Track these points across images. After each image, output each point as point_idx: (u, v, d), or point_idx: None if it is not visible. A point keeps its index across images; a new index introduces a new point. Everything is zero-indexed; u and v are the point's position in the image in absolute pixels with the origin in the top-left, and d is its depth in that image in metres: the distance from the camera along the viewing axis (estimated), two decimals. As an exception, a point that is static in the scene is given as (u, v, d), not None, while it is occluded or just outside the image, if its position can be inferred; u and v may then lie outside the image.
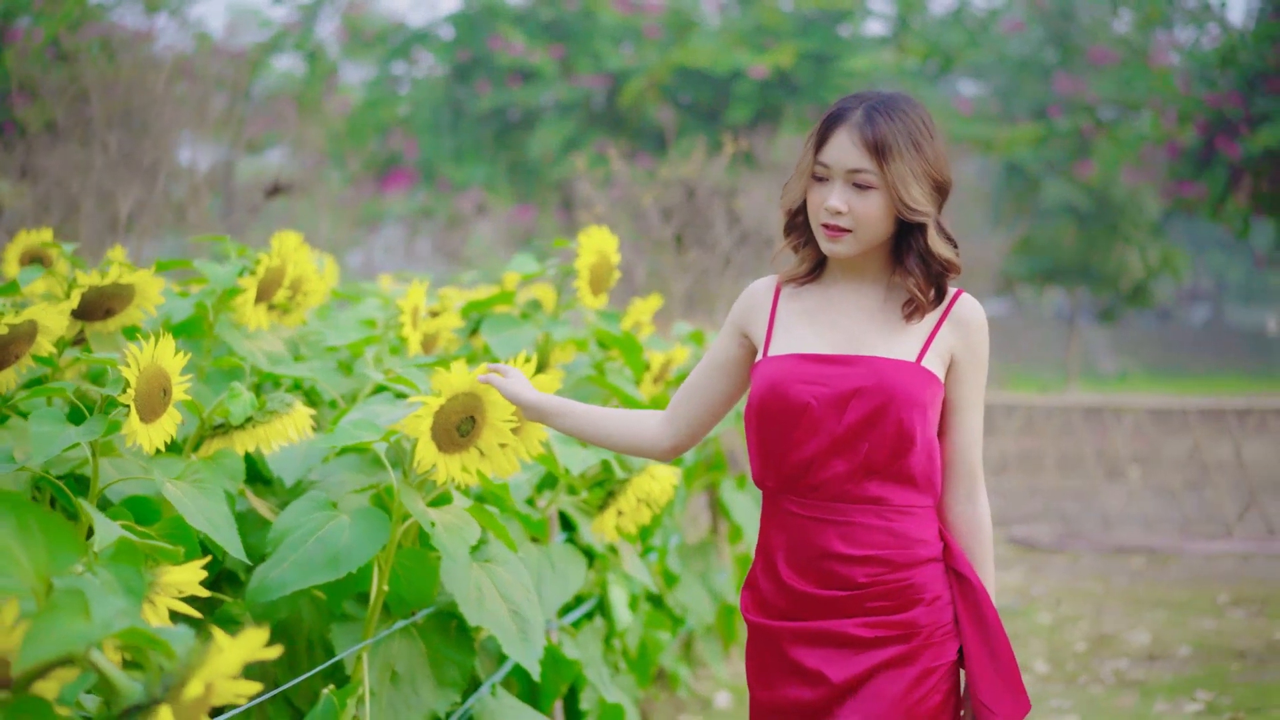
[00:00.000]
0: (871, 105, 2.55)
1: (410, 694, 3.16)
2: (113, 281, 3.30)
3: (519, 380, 2.81)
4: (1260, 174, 18.82)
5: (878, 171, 2.51)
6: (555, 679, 3.84)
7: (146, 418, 2.65)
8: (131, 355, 2.59)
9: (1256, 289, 51.22)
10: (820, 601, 2.59)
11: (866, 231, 2.55)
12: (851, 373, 2.55)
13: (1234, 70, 18.75)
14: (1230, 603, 8.10)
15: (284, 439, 3.08)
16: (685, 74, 19.24)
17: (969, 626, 2.61)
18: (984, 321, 2.65)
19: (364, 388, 3.76)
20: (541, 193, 19.54)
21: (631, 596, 4.49)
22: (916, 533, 2.59)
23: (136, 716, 1.52)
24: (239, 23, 23.47)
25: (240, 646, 1.58)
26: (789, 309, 2.69)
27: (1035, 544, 10.17)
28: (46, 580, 1.60)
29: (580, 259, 4.23)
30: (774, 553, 2.66)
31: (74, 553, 1.62)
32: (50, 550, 1.62)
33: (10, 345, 3.01)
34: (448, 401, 2.79)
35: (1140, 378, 32.48)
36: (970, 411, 2.66)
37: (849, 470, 2.55)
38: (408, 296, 3.92)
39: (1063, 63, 23.16)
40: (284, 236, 3.84)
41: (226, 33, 20.75)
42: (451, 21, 20.35)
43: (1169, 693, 6.17)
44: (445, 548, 2.86)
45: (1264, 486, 11.17)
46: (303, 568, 2.81)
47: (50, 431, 2.58)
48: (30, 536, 1.62)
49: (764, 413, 2.60)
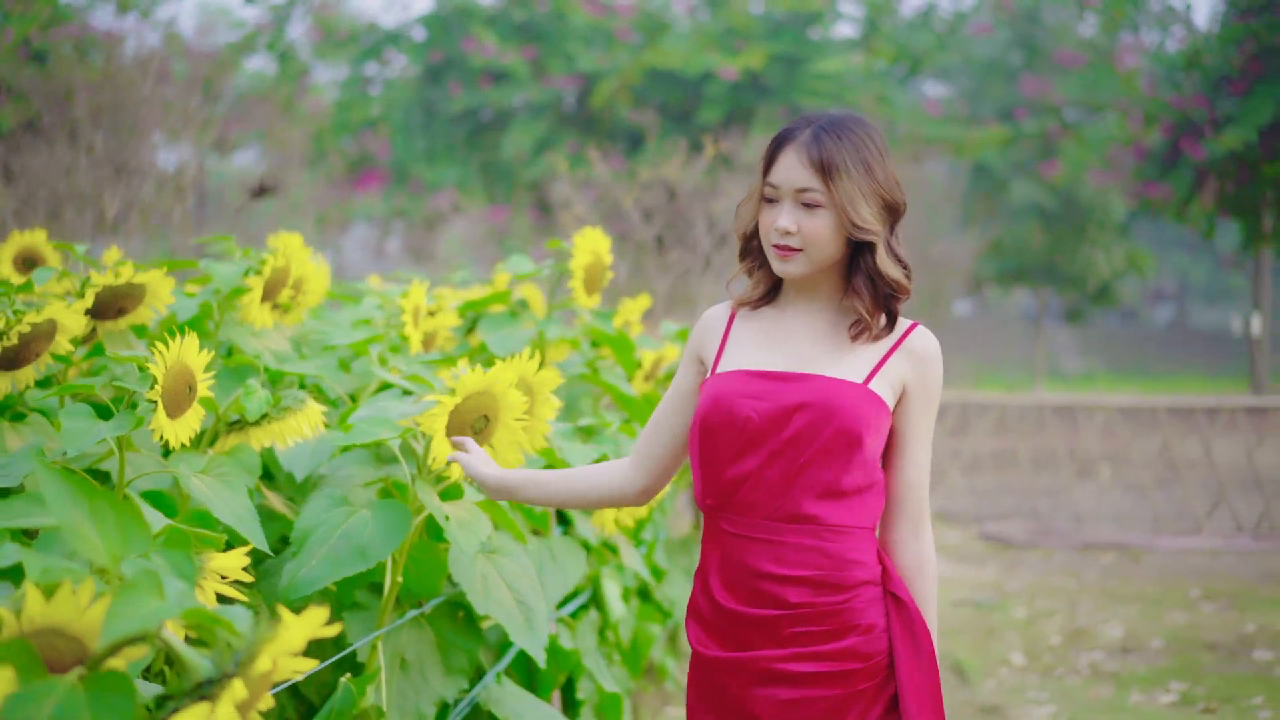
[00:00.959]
0: (819, 126, 2.54)
1: (420, 681, 3.25)
2: (126, 281, 3.38)
3: (481, 458, 2.81)
4: (1225, 176, 19.06)
5: (824, 190, 2.49)
6: (554, 669, 3.94)
7: (173, 413, 2.74)
8: (159, 353, 2.67)
9: (1219, 289, 51.70)
10: (750, 620, 2.54)
11: (817, 251, 2.52)
12: (796, 389, 2.52)
13: (1199, 73, 18.99)
14: (1201, 597, 8.26)
15: (298, 435, 3.16)
16: (656, 75, 19.35)
17: (904, 653, 2.55)
18: (938, 354, 2.62)
19: (368, 385, 3.85)
20: (514, 193, 19.61)
21: (624, 589, 4.59)
22: (852, 554, 2.52)
23: (211, 688, 1.62)
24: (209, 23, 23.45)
25: (304, 624, 1.68)
26: (742, 330, 2.67)
27: (1008, 540, 10.32)
28: (117, 562, 1.69)
29: (575, 259, 4.32)
30: (709, 574, 2.61)
31: (143, 536, 1.71)
32: (122, 533, 1.71)
33: (31, 343, 3.10)
34: (464, 400, 2.89)
35: (1105, 378, 32.77)
36: (918, 445, 2.61)
37: (784, 485, 2.51)
38: (409, 296, 4.01)
39: (1028, 65, 23.38)
40: (287, 237, 3.93)
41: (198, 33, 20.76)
42: (424, 23, 20.41)
43: (1144, 684, 6.31)
44: (458, 541, 2.95)
45: (1233, 484, 11.34)
46: (332, 562, 2.89)
47: (82, 427, 2.66)
48: (103, 520, 1.71)
49: (706, 428, 2.57)
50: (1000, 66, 23.65)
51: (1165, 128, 19.29)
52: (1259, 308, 25.28)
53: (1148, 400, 11.48)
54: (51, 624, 1.61)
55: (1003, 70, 23.66)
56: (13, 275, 4.06)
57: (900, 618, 2.55)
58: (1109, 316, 41.93)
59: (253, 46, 20.07)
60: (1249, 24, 18.21)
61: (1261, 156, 18.40)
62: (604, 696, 4.17)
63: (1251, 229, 20.16)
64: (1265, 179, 18.85)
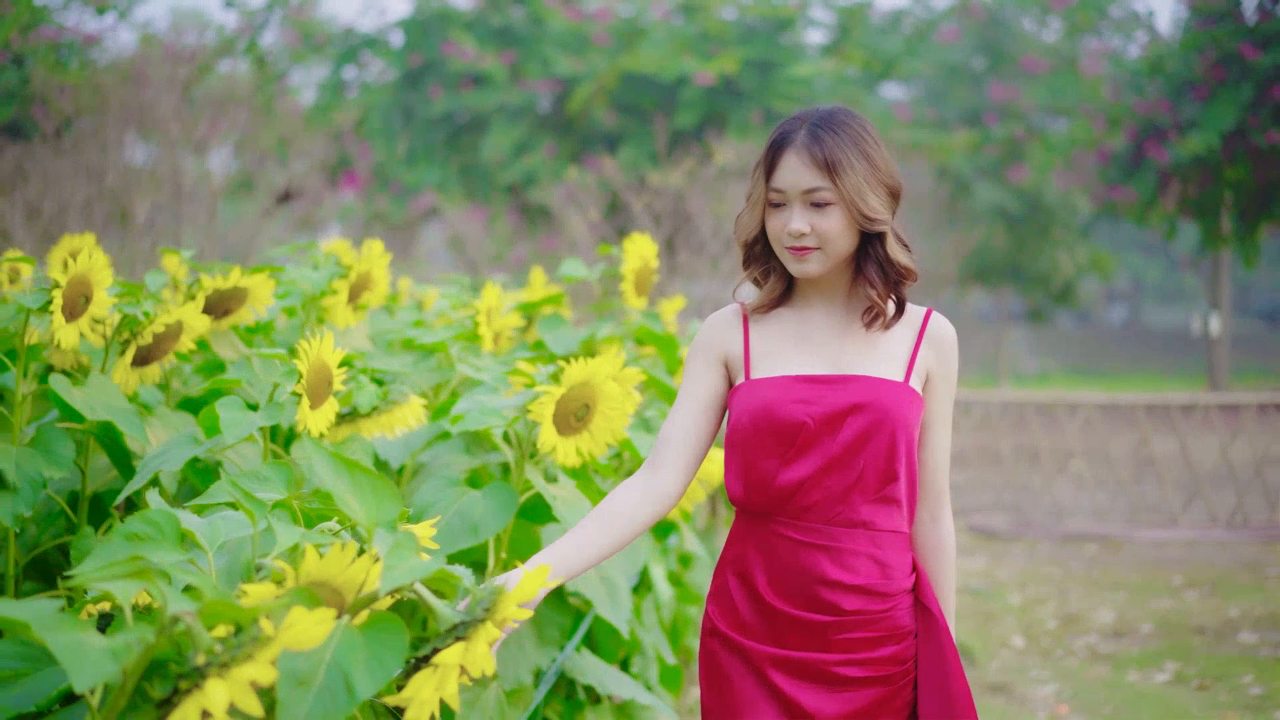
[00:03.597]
0: (814, 123, 2.55)
1: (517, 650, 3.54)
2: (233, 285, 3.67)
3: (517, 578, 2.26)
4: (1188, 179, 19.48)
5: (832, 187, 2.51)
6: (618, 644, 4.24)
7: (314, 405, 3.03)
8: (303, 350, 2.96)
9: (1173, 290, 52.35)
10: (799, 623, 2.57)
11: (832, 247, 2.55)
12: (846, 391, 2.56)
13: (1162, 79, 19.38)
14: (1184, 584, 8.64)
15: (404, 425, 3.45)
16: (632, 80, 19.63)
17: (928, 664, 2.61)
18: (955, 339, 2.69)
19: (448, 380, 4.14)
20: (493, 195, 19.86)
21: (669, 573, 4.90)
22: (896, 561, 2.60)
23: (466, 630, 1.91)
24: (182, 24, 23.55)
25: (535, 578, 1.99)
26: (764, 334, 2.69)
27: (994, 532, 10.67)
28: (374, 525, 1.98)
29: (626, 264, 4.63)
30: (753, 572, 2.63)
31: (395, 504, 2.00)
32: (378, 502, 2.00)
33: (161, 343, 3.39)
34: (567, 391, 3.18)
35: (1060, 377, 33.20)
36: (941, 428, 2.68)
37: (842, 490, 2.55)
38: (484, 299, 4.31)
39: (993, 70, 23.77)
40: (371, 243, 4.23)
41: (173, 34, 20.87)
42: (402, 26, 20.63)
43: (1139, 664, 6.67)
44: (565, 519, 3.24)
45: (1207, 478, 11.73)
46: (447, 536, 3.17)
47: (238, 418, 2.94)
48: (362, 491, 2.00)
49: (753, 434, 2.59)
50: (963, 71, 24.02)
51: (1129, 132, 19.67)
52: (1217, 308, 25.80)
53: (1126, 398, 11.86)
54: (320, 579, 1.90)
55: (966, 75, 24.04)
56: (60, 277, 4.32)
57: (928, 630, 2.62)
58: (1064, 317, 42.40)
59: (230, 50, 20.21)
60: (1210, 31, 18.61)
61: (1223, 160, 18.83)
62: (665, 669, 4.47)
63: (1211, 231, 20.58)
64: (1226, 182, 19.28)
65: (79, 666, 1.57)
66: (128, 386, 3.35)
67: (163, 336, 3.38)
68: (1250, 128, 18.22)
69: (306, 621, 1.67)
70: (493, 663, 1.92)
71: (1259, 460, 11.35)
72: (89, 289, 3.25)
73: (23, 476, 3.07)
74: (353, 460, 2.00)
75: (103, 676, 1.58)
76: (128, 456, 3.32)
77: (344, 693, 1.82)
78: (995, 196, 23.26)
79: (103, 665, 1.59)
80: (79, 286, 3.24)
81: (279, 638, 1.65)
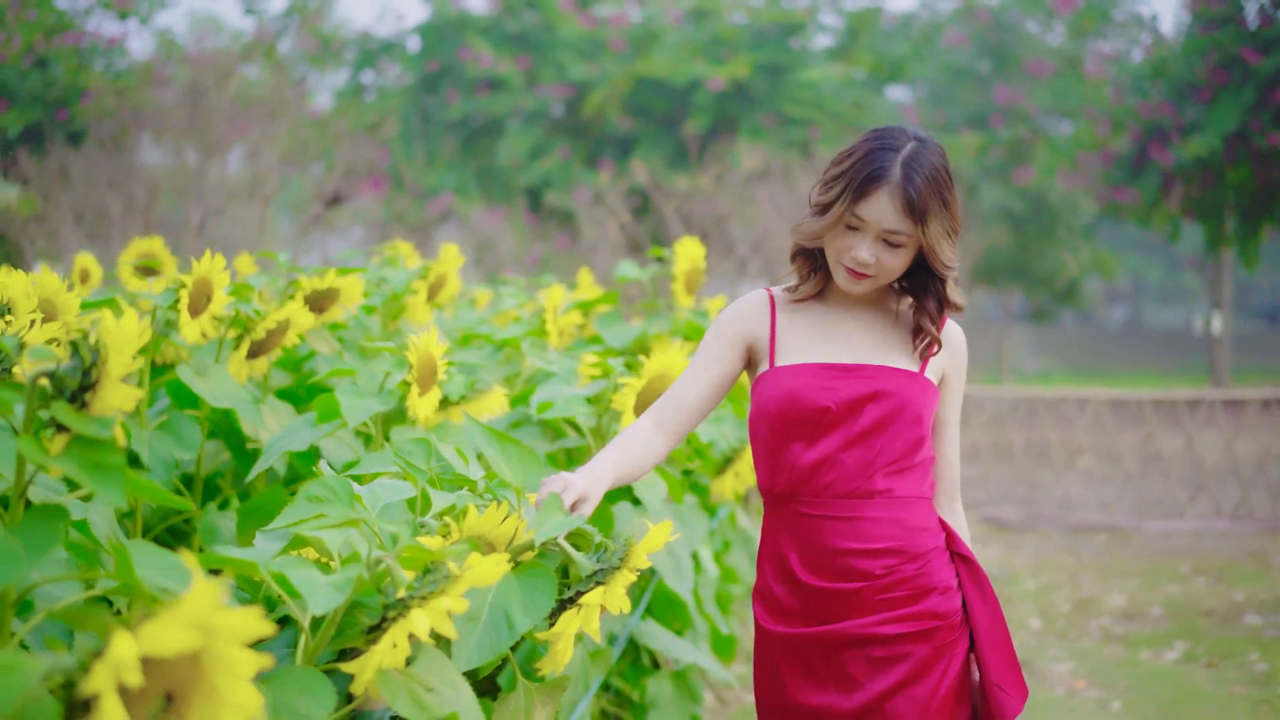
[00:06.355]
0: (908, 163, 2.58)
1: (594, 616, 3.89)
2: (329, 285, 4.02)
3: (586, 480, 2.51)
4: (1191, 181, 19.76)
5: (914, 233, 2.59)
6: (672, 615, 4.59)
7: (422, 392, 3.37)
8: (412, 343, 3.30)
9: (1173, 290, 52.57)
10: (837, 595, 2.68)
11: (887, 277, 2.67)
12: (867, 380, 2.69)
13: (1165, 82, 19.65)
14: (1192, 572, 9.00)
15: (489, 412, 3.79)
16: (645, 84, 19.98)
17: (978, 607, 2.74)
18: (965, 343, 2.86)
19: (520, 372, 4.48)
20: (509, 197, 20.21)
21: (715, 553, 5.25)
22: (920, 521, 2.71)
23: (606, 575, 2.26)
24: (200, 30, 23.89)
25: (661, 531, 2.33)
26: (791, 324, 2.80)
27: (1007, 523, 11.03)
28: (522, 489, 2.33)
29: (677, 265, 4.98)
30: (786, 555, 2.74)
31: (539, 471, 2.35)
32: (524, 468, 2.35)
33: (272, 337, 3.74)
34: (646, 382, 3.53)
35: (1061, 376, 33.41)
36: (954, 426, 2.85)
37: (860, 466, 2.67)
38: (549, 297, 4.66)
39: (999, 73, 24.07)
40: (448, 247, 4.59)
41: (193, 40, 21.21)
42: (420, 32, 21.00)
43: (1151, 644, 7.02)
44: (645, 499, 3.59)
45: (1212, 473, 12.07)
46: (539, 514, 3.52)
47: (357, 404, 3.29)
48: (510, 458, 2.35)
49: (780, 420, 2.71)
50: (969, 74, 24.31)
51: (1133, 134, 19.94)
52: (1219, 307, 26.11)
53: (1133, 394, 12.21)
54: (478, 533, 2.25)
55: (971, 78, 24.33)
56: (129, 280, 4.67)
57: (969, 575, 2.76)
58: (1066, 316, 42.66)
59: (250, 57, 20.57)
60: (1212, 35, 18.90)
61: (1226, 162, 19.11)
62: (718, 639, 4.82)
63: (1214, 232, 20.84)
64: (1229, 184, 19.56)
65: (315, 595, 1.91)
66: (240, 377, 3.68)
67: (276, 331, 3.73)
68: (1252, 130, 18.49)
69: (485, 564, 2.01)
70: (628, 602, 2.27)
71: (1262, 455, 11.71)
72: (210, 289, 3.58)
73: (156, 458, 3.41)
74: (504, 434, 2.36)
75: (333, 603, 1.92)
76: (242, 440, 3.66)
77: (505, 627, 2.18)
78: (1000, 198, 23.56)
79: (331, 595, 1.93)
80: (201, 287, 3.57)
81: (465, 576, 1.99)
